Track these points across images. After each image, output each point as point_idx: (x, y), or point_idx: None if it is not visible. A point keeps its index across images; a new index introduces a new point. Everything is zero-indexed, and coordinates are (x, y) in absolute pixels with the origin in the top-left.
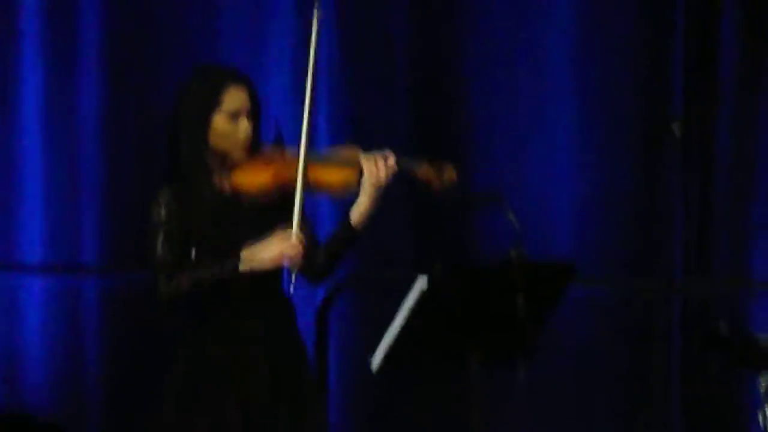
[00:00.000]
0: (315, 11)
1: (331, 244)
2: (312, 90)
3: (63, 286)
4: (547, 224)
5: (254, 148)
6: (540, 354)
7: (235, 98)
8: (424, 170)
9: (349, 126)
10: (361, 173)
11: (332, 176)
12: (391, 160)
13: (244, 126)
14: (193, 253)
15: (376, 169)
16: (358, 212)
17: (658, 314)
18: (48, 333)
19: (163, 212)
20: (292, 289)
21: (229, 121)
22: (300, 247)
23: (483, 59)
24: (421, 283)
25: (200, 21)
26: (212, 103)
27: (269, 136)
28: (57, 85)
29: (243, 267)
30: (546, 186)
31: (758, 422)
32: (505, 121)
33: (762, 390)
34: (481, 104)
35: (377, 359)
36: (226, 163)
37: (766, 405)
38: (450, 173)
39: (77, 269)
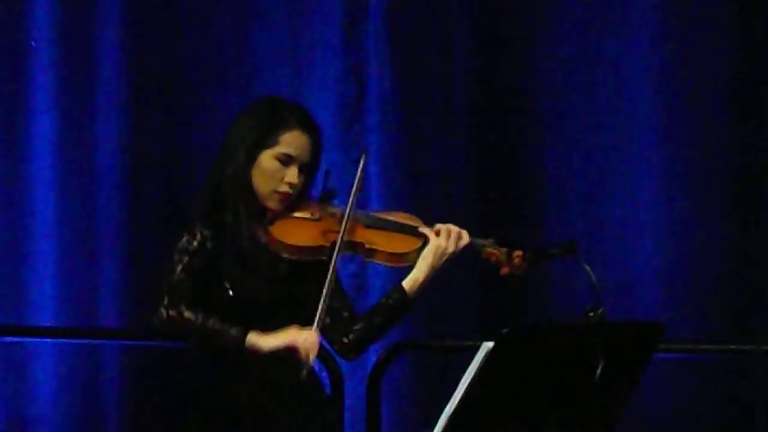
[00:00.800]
0: (362, 157)
1: (377, 312)
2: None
3: (79, 351)
4: (630, 279)
5: (300, 202)
6: (623, 427)
7: (294, 144)
8: (492, 252)
9: (405, 177)
10: (424, 244)
11: (390, 245)
12: (465, 238)
13: (292, 174)
14: (212, 296)
15: (446, 244)
16: (414, 281)
17: (756, 381)
18: (62, 401)
19: (195, 242)
20: (304, 376)
21: (277, 163)
22: (315, 347)
23: (556, 94)
24: (486, 348)
25: (233, 51)
26: (266, 139)
27: (315, 188)
28: (72, 124)
29: (247, 344)
30: (628, 237)
31: None
32: (582, 163)
33: None
34: (553, 145)
35: None
36: (264, 212)
37: None
38: (520, 260)
39: (95, 334)
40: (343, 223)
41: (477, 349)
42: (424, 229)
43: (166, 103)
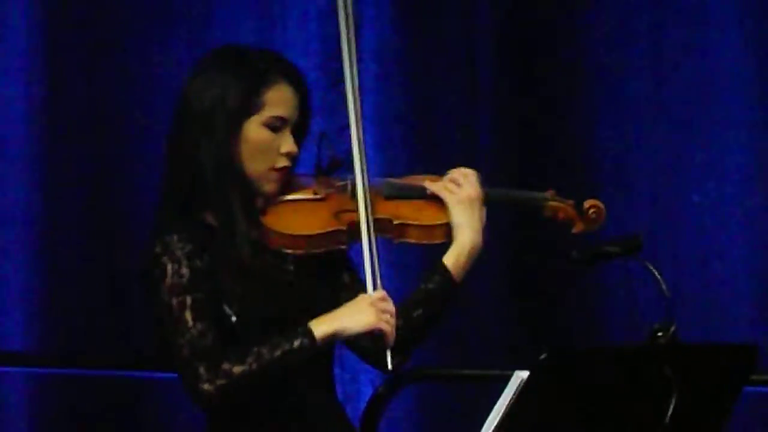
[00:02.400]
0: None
1: (416, 303)
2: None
3: None
4: (711, 287)
5: (292, 179)
6: None
7: (282, 101)
8: (558, 206)
9: (410, 153)
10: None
11: (422, 216)
12: (474, 176)
13: (289, 141)
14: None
15: (469, 190)
16: (457, 254)
17: None
18: None
19: (184, 270)
20: (390, 367)
21: (267, 131)
22: (391, 303)
23: (612, 43)
24: (518, 380)
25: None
26: (248, 102)
27: (308, 158)
28: None
29: (321, 340)
30: (709, 231)
31: None
32: (648, 135)
33: None
34: (609, 112)
35: None
36: (253, 198)
37: None
38: (596, 211)
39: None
40: (361, 194)
41: (507, 380)
42: (432, 186)
43: (88, 60)
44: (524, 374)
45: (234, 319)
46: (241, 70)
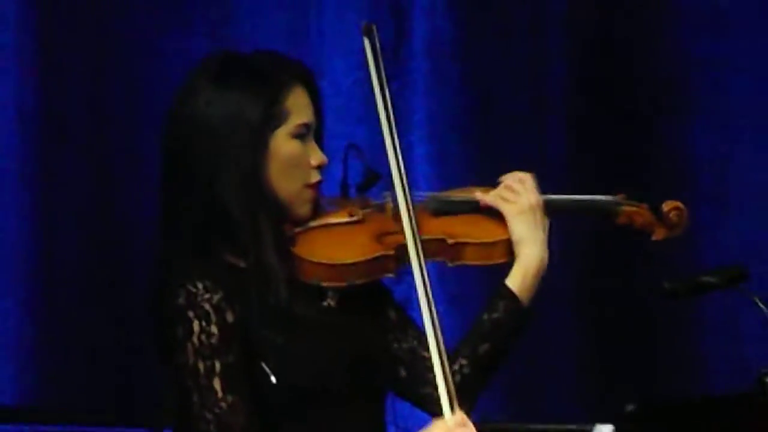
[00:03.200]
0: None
1: (481, 336)
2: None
3: None
4: None
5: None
6: None
7: (302, 107)
8: (633, 210)
9: (468, 164)
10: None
11: (478, 232)
12: (530, 180)
13: (317, 153)
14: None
15: (527, 197)
16: (522, 275)
17: None
18: None
19: (213, 328)
20: None
21: (296, 143)
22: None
23: (707, 42)
24: None
25: None
26: (273, 111)
27: (334, 173)
28: None
29: None
30: None
31: None
32: (752, 148)
33: None
34: (705, 122)
35: None
36: (282, 227)
37: None
38: (677, 213)
39: None
40: (406, 212)
41: None
42: (484, 197)
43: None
44: (607, 429)
45: (274, 379)
46: (254, 79)
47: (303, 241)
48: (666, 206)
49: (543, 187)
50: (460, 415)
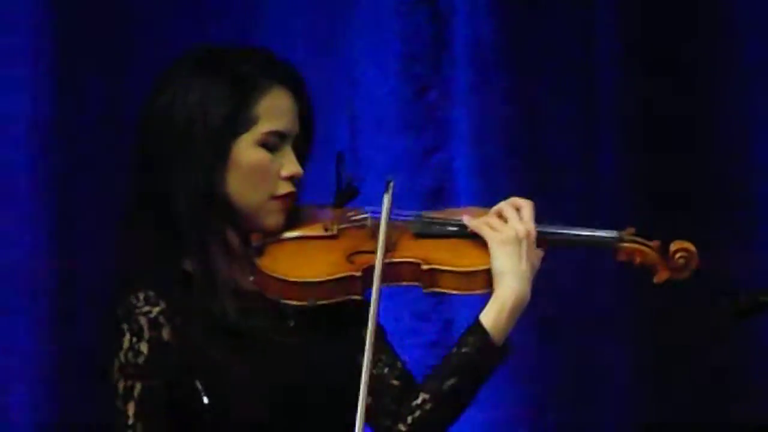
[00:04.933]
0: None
1: (448, 371)
2: None
3: None
4: None
5: (299, 210)
6: None
7: (279, 111)
8: (635, 248)
9: (514, 168)
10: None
11: (458, 259)
12: (525, 203)
13: (291, 163)
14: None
15: (515, 227)
16: (498, 310)
17: None
18: None
19: (143, 346)
20: None
21: (262, 152)
22: None
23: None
24: None
25: None
26: (237, 117)
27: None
28: None
29: None
30: None
31: None
32: None
33: None
34: None
35: None
36: (247, 238)
37: None
38: (684, 255)
39: None
40: (380, 234)
41: None
42: (471, 222)
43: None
44: None
45: (206, 400)
46: (223, 76)
47: (270, 252)
48: (674, 246)
49: (591, 201)
50: None
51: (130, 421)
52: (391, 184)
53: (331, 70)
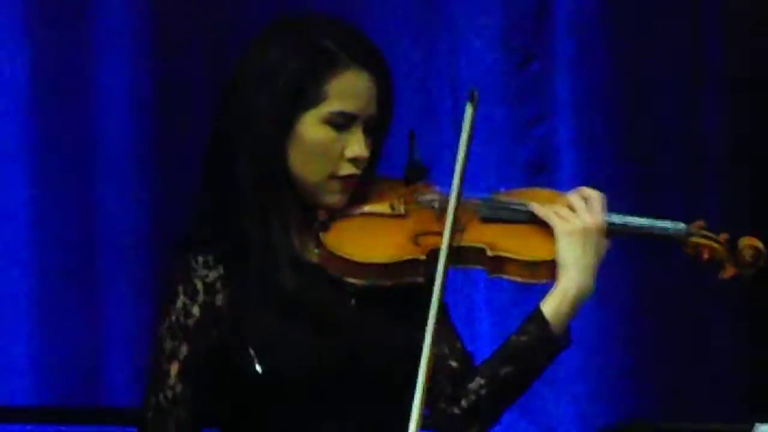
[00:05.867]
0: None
1: (505, 359)
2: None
3: None
4: None
5: (368, 188)
6: None
7: (351, 92)
8: (704, 243)
9: (620, 155)
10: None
11: (525, 248)
12: (597, 200)
13: (357, 142)
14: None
15: (585, 218)
16: (558, 301)
17: None
18: None
19: (195, 309)
20: None
21: (328, 129)
22: None
23: None
24: None
25: None
26: (305, 92)
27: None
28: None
29: None
30: None
31: None
32: None
33: None
34: None
35: None
36: (311, 213)
37: None
38: (753, 252)
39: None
40: (448, 217)
41: None
42: (540, 210)
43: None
44: (766, 429)
45: (259, 369)
46: (301, 48)
47: (336, 229)
48: (742, 242)
49: (697, 174)
50: None
51: (172, 381)
52: (475, 94)
53: (433, 40)
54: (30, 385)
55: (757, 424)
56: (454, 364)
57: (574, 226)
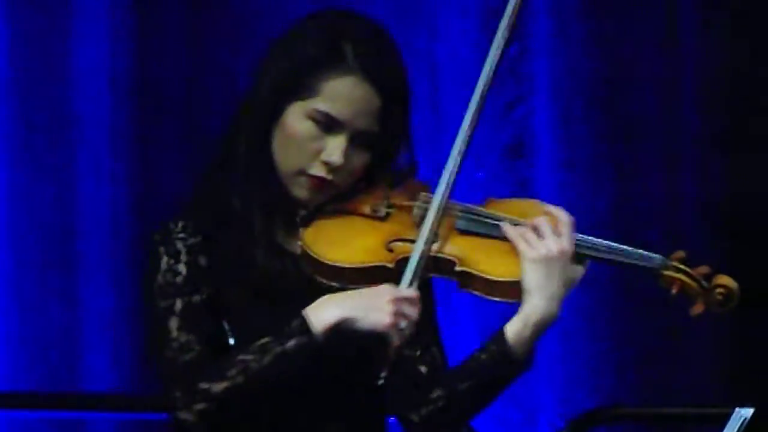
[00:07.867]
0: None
1: (465, 374)
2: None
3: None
4: None
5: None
6: None
7: (344, 98)
8: (677, 277)
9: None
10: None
11: (491, 265)
12: (566, 225)
13: (335, 148)
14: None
15: (549, 245)
16: (523, 324)
17: None
18: None
19: (180, 267)
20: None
21: (310, 125)
22: (416, 308)
23: None
24: (739, 419)
25: None
26: (299, 81)
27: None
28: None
29: (323, 333)
30: None
31: None
32: None
33: None
34: None
35: None
36: (295, 203)
37: None
38: (724, 292)
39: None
40: (426, 223)
41: (724, 420)
42: (509, 233)
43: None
44: (747, 413)
45: (232, 341)
46: (319, 40)
47: (316, 225)
48: (716, 280)
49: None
50: (413, 291)
51: (173, 335)
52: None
53: (412, 22)
54: (9, 371)
55: (737, 408)
56: (422, 369)
57: (539, 254)
